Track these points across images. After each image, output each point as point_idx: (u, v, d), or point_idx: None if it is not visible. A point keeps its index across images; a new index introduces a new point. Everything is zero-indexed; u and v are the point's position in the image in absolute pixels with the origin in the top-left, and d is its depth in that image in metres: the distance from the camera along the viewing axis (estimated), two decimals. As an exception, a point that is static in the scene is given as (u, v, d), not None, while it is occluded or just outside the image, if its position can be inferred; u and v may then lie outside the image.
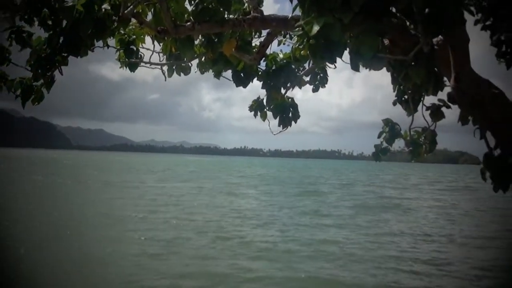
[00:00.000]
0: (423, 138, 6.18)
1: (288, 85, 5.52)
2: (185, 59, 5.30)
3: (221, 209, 32.71)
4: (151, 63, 5.51)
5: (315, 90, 5.92)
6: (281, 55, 5.48)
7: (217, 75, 5.56)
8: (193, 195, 41.30)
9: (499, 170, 4.66)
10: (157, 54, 5.56)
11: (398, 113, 6.00)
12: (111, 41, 5.37)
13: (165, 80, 5.62)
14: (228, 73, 5.67)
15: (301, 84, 5.72)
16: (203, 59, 5.39)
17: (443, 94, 4.67)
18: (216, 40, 4.94)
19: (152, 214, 28.37)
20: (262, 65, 5.57)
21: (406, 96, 5.69)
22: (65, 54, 4.41)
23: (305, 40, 2.90)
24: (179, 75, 5.55)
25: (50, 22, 4.24)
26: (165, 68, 5.61)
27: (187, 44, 4.99)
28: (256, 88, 5.90)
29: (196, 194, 42.84)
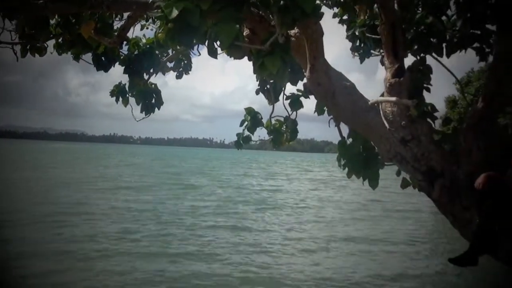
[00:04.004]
0: (285, 127, 6.44)
1: (151, 71, 5.42)
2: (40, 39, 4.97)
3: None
4: (0, 42, 5.09)
5: (178, 76, 5.88)
6: (144, 40, 5.36)
7: (76, 57, 5.27)
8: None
9: (351, 157, 5.04)
10: (9, 32, 5.15)
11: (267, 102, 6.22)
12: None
13: (17, 60, 5.21)
14: (89, 56, 5.43)
15: (164, 70, 5.64)
16: (60, 40, 5.08)
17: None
18: (73, 21, 4.68)
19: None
20: (125, 49, 5.42)
21: (268, 86, 5.89)
22: None
23: (164, 23, 2.86)
24: (34, 56, 5.17)
25: None
26: (17, 47, 5.21)
27: (41, 23, 4.67)
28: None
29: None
